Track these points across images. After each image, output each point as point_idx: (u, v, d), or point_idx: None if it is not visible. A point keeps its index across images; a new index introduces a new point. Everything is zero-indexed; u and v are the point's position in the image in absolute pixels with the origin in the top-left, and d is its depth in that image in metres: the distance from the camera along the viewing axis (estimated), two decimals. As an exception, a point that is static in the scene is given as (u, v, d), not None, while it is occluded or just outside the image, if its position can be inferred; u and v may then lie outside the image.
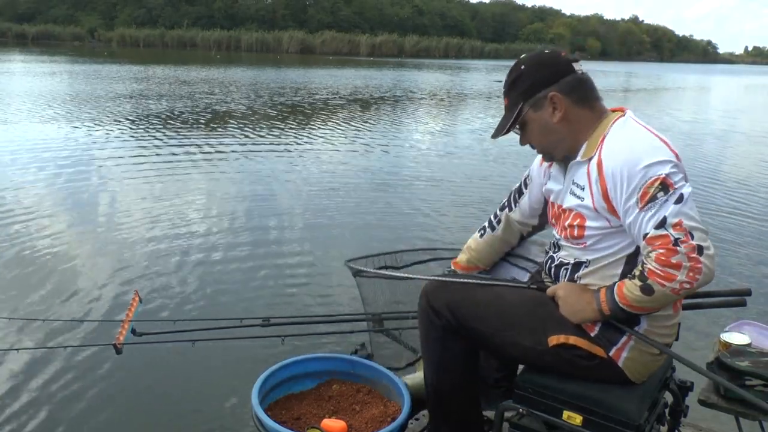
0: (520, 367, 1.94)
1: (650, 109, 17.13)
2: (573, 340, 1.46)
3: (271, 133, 9.88)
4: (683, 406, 1.72)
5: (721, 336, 1.87)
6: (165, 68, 24.04)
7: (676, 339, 1.77)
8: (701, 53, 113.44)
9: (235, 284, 3.87)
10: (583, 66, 1.55)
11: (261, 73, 23.97)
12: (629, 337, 1.45)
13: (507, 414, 1.59)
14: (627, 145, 1.41)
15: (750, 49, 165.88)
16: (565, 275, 1.56)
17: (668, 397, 1.70)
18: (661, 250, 1.32)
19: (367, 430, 1.74)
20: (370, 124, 11.58)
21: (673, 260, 1.31)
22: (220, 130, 9.95)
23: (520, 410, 1.53)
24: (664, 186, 1.33)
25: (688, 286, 1.32)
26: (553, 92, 1.49)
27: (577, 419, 1.45)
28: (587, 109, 1.51)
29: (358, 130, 10.59)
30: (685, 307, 2.06)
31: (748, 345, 1.82)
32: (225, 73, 22.95)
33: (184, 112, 11.74)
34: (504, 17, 76.83)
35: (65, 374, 2.78)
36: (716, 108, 20.26)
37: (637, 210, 1.35)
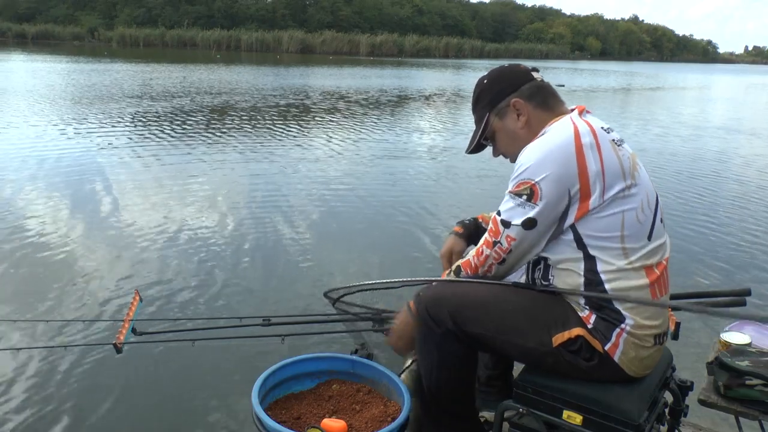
0: (516, 365, 1.95)
1: (653, 108, 17.13)
2: (575, 331, 1.46)
3: (273, 133, 9.88)
4: (683, 405, 1.72)
5: (721, 336, 1.88)
6: (165, 67, 24.04)
7: (676, 338, 1.77)
8: (701, 53, 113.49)
9: (235, 284, 3.87)
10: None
11: (261, 73, 23.97)
12: (621, 332, 1.45)
13: (507, 414, 1.59)
14: (533, 144, 1.47)
15: (750, 48, 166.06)
16: (530, 271, 1.60)
17: (668, 397, 1.70)
18: (487, 235, 1.54)
19: (367, 429, 1.74)
20: (374, 123, 11.58)
21: (487, 241, 1.54)
22: (221, 130, 9.95)
23: (520, 410, 1.54)
24: (532, 192, 1.42)
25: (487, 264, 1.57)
26: (515, 99, 1.58)
27: (577, 419, 1.45)
28: (549, 112, 1.57)
29: (362, 130, 10.59)
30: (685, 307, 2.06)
31: (748, 345, 1.82)
32: (226, 73, 22.95)
33: (184, 111, 11.75)
34: (504, 17, 76.83)
35: (65, 373, 2.78)
36: (718, 107, 20.26)
37: (507, 192, 1.49)
